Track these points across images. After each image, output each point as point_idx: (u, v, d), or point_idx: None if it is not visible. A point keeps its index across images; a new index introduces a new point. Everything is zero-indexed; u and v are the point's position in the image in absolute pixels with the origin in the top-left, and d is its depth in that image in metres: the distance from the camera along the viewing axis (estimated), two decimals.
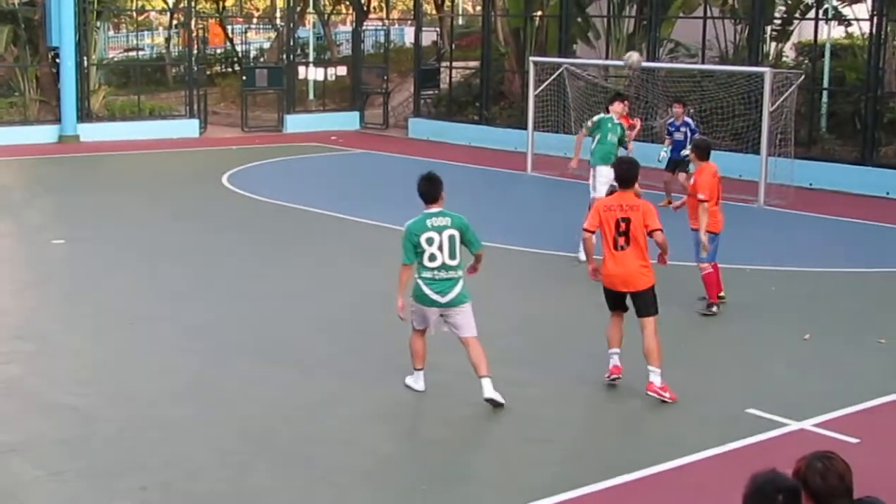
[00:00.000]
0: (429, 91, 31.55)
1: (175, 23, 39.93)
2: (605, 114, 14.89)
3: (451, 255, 9.16)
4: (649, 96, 23.56)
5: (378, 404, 9.40)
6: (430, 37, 35.57)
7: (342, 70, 33.62)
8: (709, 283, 12.30)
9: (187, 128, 29.39)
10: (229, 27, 41.80)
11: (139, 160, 25.65)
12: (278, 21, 38.61)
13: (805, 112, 23.18)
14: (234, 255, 15.23)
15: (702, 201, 11.92)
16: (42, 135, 27.35)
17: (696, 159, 12.42)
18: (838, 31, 26.37)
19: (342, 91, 33.48)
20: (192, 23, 31.48)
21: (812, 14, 25.14)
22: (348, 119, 32.20)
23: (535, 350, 10.98)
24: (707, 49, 25.27)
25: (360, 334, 11.26)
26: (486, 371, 9.13)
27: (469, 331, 9.25)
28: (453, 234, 9.19)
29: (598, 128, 14.62)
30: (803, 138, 22.45)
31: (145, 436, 8.60)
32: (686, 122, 18.81)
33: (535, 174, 23.07)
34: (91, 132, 27.72)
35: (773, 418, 9.03)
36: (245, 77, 31.49)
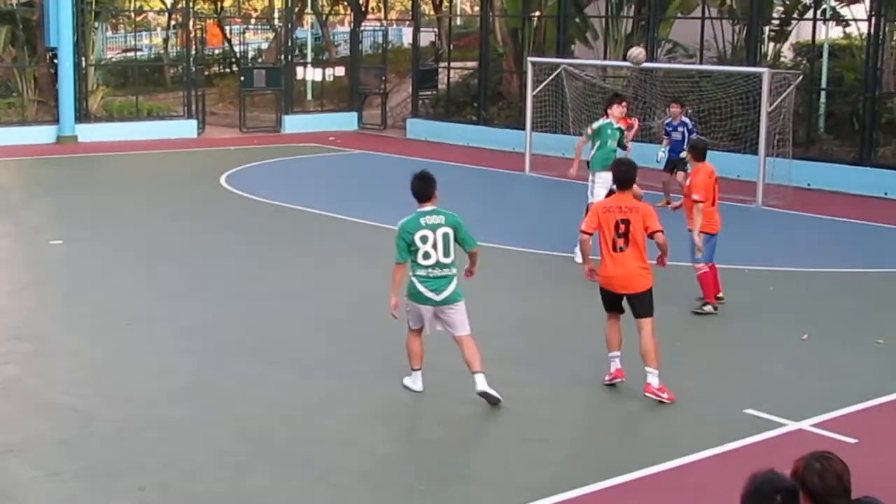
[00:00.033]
0: (427, 91, 31.53)
1: (173, 23, 39.96)
2: (604, 118, 14.78)
3: (446, 253, 9.22)
4: (647, 96, 23.56)
5: (376, 404, 9.40)
6: (428, 37, 35.60)
7: (340, 70, 33.62)
8: (705, 283, 12.31)
9: (185, 128, 29.38)
10: (227, 28, 41.79)
11: (137, 161, 25.64)
12: (276, 21, 38.59)
13: (803, 112, 23.18)
14: (233, 256, 15.23)
15: (696, 202, 11.96)
16: (40, 135, 27.33)
17: (692, 160, 12.47)
18: (836, 32, 26.38)
19: (340, 91, 33.47)
20: (191, 23, 31.46)
21: (810, 14, 25.15)
22: (346, 119, 32.20)
23: (532, 350, 10.99)
24: (705, 49, 25.26)
25: (358, 335, 11.27)
26: (480, 367, 9.19)
27: (463, 329, 9.31)
28: (447, 231, 9.25)
29: (599, 134, 14.58)
30: (801, 139, 22.46)
31: (143, 436, 8.60)
32: (683, 121, 18.83)
33: (533, 174, 23.07)
34: (89, 133, 27.71)
35: (772, 418, 9.04)
36: (243, 77, 31.47)
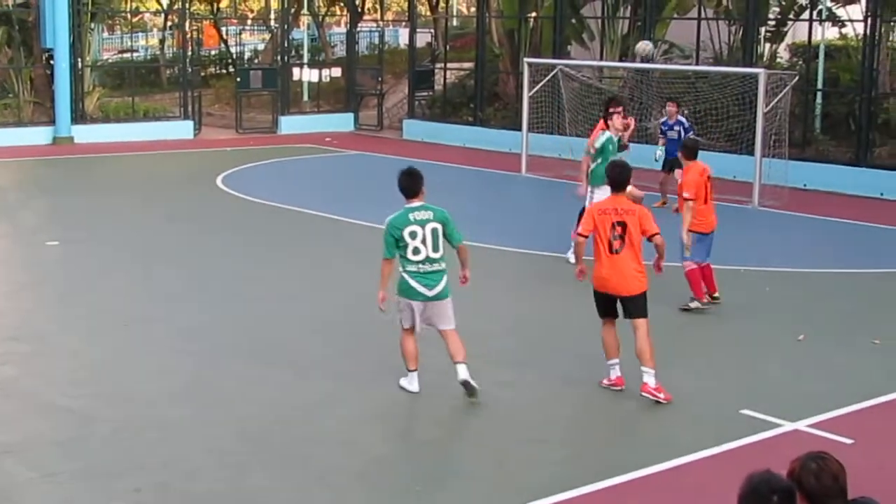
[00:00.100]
0: (423, 92, 31.53)
1: (169, 24, 39.89)
2: (601, 128, 14.44)
3: (435, 248, 9.31)
4: (643, 97, 23.58)
5: (374, 405, 9.41)
6: (424, 38, 35.63)
7: (336, 71, 33.62)
8: (692, 279, 12.39)
9: (181, 129, 29.37)
10: (223, 29, 41.79)
11: (133, 162, 25.64)
12: (272, 22, 38.64)
13: (799, 113, 23.19)
14: (229, 257, 15.24)
15: (687, 200, 12.09)
16: (36, 136, 27.34)
17: (684, 158, 12.62)
18: (832, 32, 26.39)
19: (336, 92, 33.48)
20: (187, 24, 31.50)
21: (806, 15, 25.17)
22: (343, 120, 32.19)
23: (529, 350, 11.00)
24: (701, 50, 25.29)
25: (355, 335, 11.27)
26: (464, 358, 9.34)
27: (450, 323, 9.44)
28: (436, 227, 9.34)
29: (602, 151, 14.35)
30: (797, 139, 22.48)
31: (142, 436, 8.61)
32: (679, 120, 18.87)
33: (529, 175, 23.07)
34: (85, 134, 27.70)
35: (768, 419, 9.05)
36: (239, 78, 31.46)
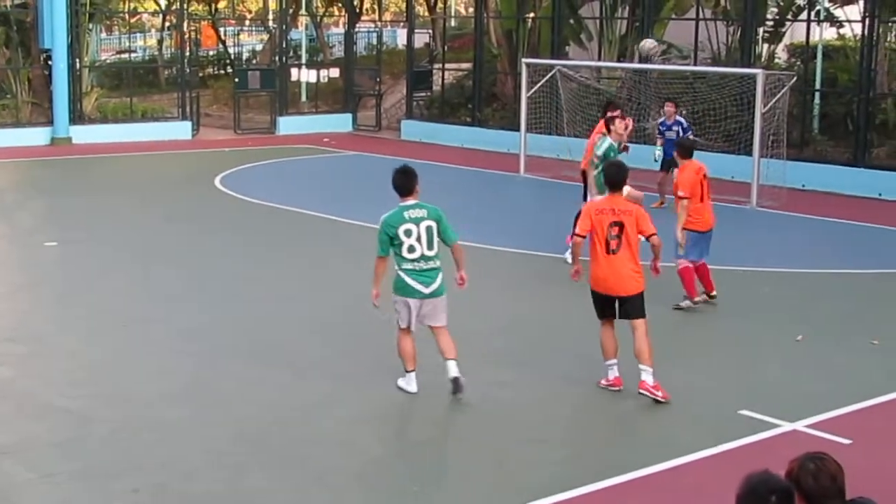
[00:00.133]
0: (421, 93, 31.54)
1: (167, 25, 39.88)
2: (606, 134, 14.34)
3: (430, 246, 9.36)
4: (641, 98, 23.59)
5: (372, 406, 9.41)
6: (422, 38, 35.61)
7: (335, 72, 33.59)
8: (685, 278, 12.42)
9: (180, 130, 29.36)
10: (222, 29, 41.77)
11: (132, 162, 25.63)
12: (271, 23, 38.61)
13: (797, 113, 23.22)
14: (228, 257, 15.23)
15: (681, 198, 12.20)
16: (34, 137, 27.33)
17: (679, 158, 12.73)
18: (830, 33, 26.39)
19: (335, 93, 33.47)
20: (185, 25, 31.44)
21: (804, 15, 25.18)
22: (341, 121, 32.19)
23: (528, 350, 11.00)
24: (699, 50, 25.32)
25: (353, 336, 11.27)
26: (455, 355, 9.41)
27: (443, 320, 9.50)
28: (431, 225, 9.38)
29: (605, 159, 14.19)
30: (795, 140, 22.48)
31: (140, 437, 8.60)
32: (678, 121, 18.89)
33: (527, 176, 23.07)
34: (83, 134, 27.69)
35: (766, 419, 9.05)
36: (237, 79, 31.46)
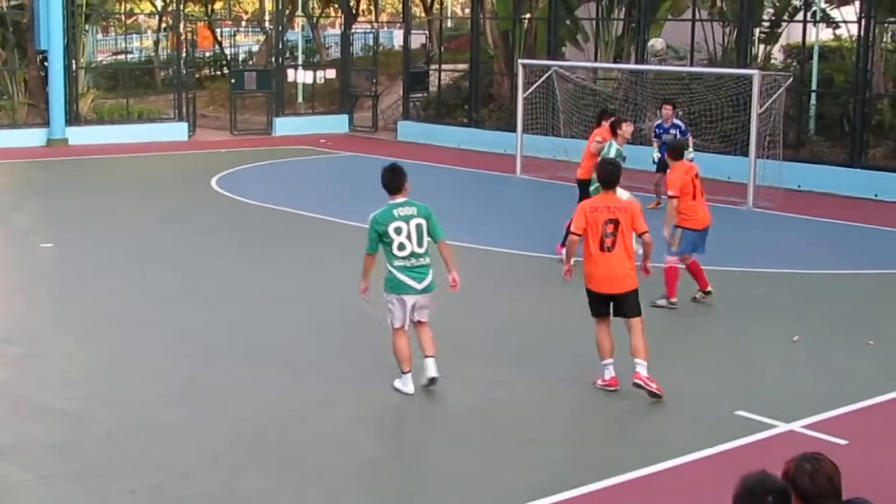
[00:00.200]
0: (418, 94, 31.53)
1: (164, 26, 39.92)
2: (612, 138, 14.32)
3: (420, 244, 9.42)
4: (638, 98, 23.60)
5: (369, 406, 9.41)
6: (418, 39, 35.60)
7: (331, 73, 33.58)
8: (669, 276, 12.49)
9: (176, 131, 29.34)
10: (218, 30, 41.80)
11: (128, 163, 25.61)
12: (267, 24, 38.59)
13: (793, 114, 23.22)
14: (224, 258, 15.22)
15: (671, 197, 12.44)
16: (30, 138, 27.29)
17: (670, 159, 12.98)
18: (826, 34, 26.42)
19: (331, 94, 33.45)
20: (181, 26, 31.42)
21: (800, 16, 25.17)
22: (337, 122, 32.17)
23: (523, 351, 10.99)
24: (696, 51, 25.33)
25: (350, 337, 11.26)
26: (435, 352, 9.53)
27: (428, 315, 9.60)
28: (420, 222, 9.44)
29: None
30: (792, 140, 22.49)
31: (137, 438, 8.60)
32: (675, 123, 18.80)
33: (523, 176, 23.08)
34: (79, 135, 27.65)
35: (762, 420, 9.06)
36: (234, 80, 31.43)
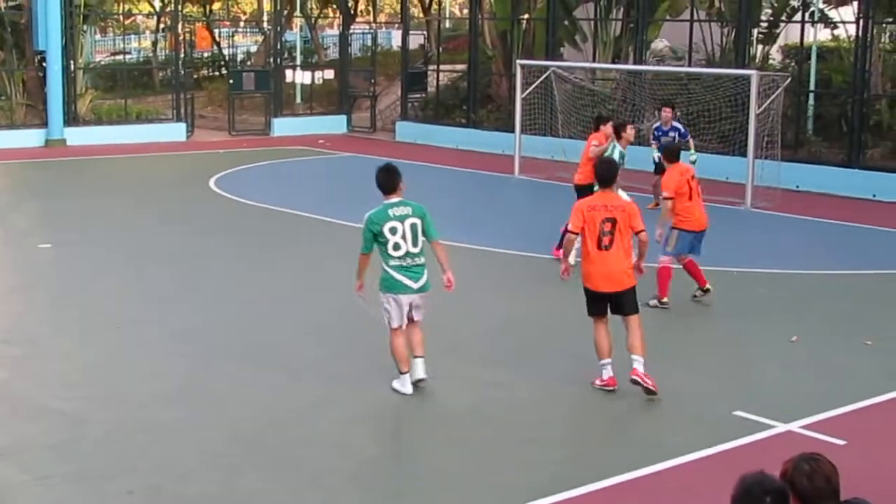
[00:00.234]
0: (416, 94, 31.53)
1: (162, 26, 39.91)
2: (615, 140, 14.35)
3: (414, 243, 9.44)
4: (636, 99, 23.60)
5: (367, 406, 9.40)
6: (417, 40, 35.61)
7: (329, 73, 33.59)
8: (661, 276, 12.51)
9: (174, 131, 29.34)
10: (216, 31, 41.77)
11: (126, 164, 25.60)
12: (265, 24, 38.57)
13: (791, 114, 23.23)
14: (222, 259, 15.21)
15: (665, 199, 12.50)
16: (29, 139, 27.29)
17: (665, 162, 13.06)
18: (824, 34, 26.45)
19: (329, 94, 33.45)
20: (179, 26, 31.41)
21: (798, 17, 25.20)
22: (335, 122, 32.18)
23: (522, 351, 10.98)
24: (694, 52, 25.33)
25: (348, 337, 11.26)
26: (424, 352, 9.58)
27: (421, 315, 9.62)
28: (415, 222, 9.46)
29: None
30: (790, 141, 22.51)
31: (135, 439, 8.59)
32: (675, 126, 18.69)
33: (522, 177, 23.07)
34: (78, 136, 27.65)
35: (761, 420, 9.05)
36: (232, 81, 31.43)
